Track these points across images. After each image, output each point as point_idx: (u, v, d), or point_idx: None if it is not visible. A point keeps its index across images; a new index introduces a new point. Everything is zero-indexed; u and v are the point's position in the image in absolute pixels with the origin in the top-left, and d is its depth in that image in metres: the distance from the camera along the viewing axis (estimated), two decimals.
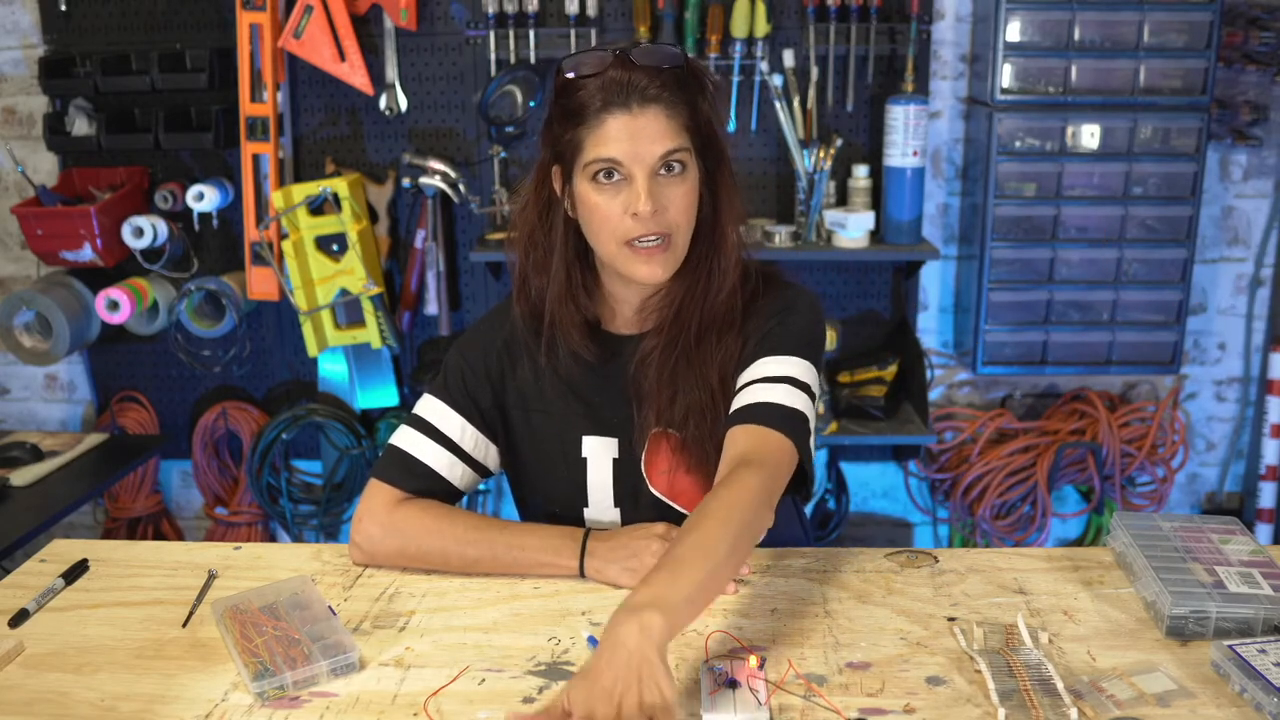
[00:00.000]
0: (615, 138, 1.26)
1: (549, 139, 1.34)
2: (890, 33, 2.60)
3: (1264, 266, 2.85)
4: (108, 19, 2.70)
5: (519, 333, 1.44)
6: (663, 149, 1.27)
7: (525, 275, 1.41)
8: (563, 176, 1.34)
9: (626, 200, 1.28)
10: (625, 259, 1.31)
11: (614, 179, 1.28)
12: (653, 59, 1.28)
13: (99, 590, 1.36)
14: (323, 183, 2.58)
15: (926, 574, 1.35)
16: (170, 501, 3.07)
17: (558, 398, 1.43)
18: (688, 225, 1.32)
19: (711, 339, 1.37)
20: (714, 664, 1.12)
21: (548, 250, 1.38)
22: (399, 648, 1.21)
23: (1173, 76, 2.54)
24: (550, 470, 1.45)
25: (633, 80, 1.27)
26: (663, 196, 1.28)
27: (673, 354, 1.36)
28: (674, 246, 1.31)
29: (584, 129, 1.28)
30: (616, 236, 1.29)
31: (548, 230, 1.38)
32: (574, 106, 1.29)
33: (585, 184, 1.30)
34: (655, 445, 1.40)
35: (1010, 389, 2.91)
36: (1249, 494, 2.97)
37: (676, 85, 1.29)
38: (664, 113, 1.27)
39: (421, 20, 2.63)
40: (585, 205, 1.31)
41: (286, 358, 2.89)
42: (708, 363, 1.36)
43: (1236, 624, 1.18)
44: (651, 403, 1.37)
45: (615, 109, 1.26)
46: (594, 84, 1.27)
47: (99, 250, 2.60)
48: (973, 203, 2.72)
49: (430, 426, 1.44)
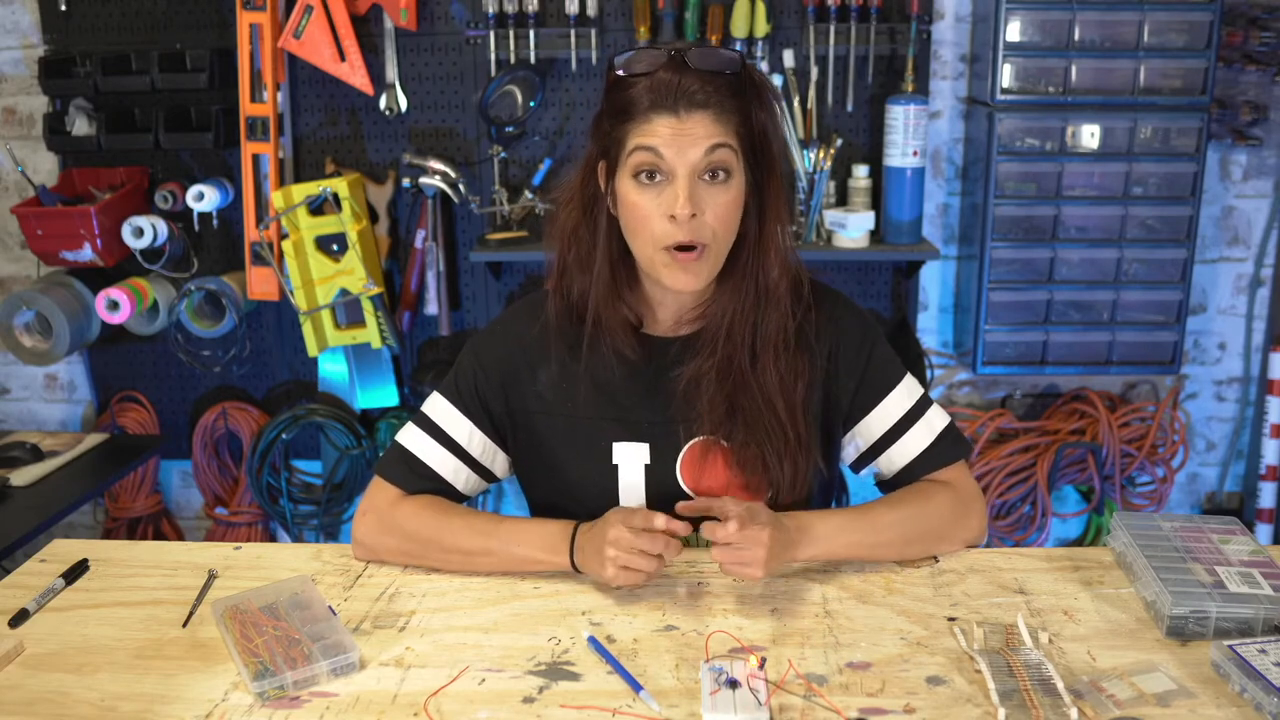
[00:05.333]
0: (660, 135, 1.25)
1: (597, 134, 1.33)
2: (890, 33, 2.60)
3: (1264, 266, 2.85)
4: (108, 19, 2.70)
5: (550, 332, 1.41)
6: (706, 152, 1.25)
7: (565, 271, 1.39)
8: (607, 173, 1.33)
9: (666, 201, 1.26)
10: (661, 266, 1.29)
11: (655, 179, 1.27)
12: (708, 63, 1.26)
13: (99, 590, 1.36)
14: (323, 183, 2.58)
15: (926, 574, 1.35)
16: (170, 501, 3.07)
17: (587, 401, 1.40)
18: (727, 234, 1.30)
19: (768, 357, 1.36)
20: (714, 664, 1.12)
21: (591, 247, 1.36)
22: (399, 648, 1.21)
23: (1173, 76, 2.54)
24: (581, 476, 1.42)
25: (683, 83, 1.25)
26: (703, 201, 1.26)
27: (729, 377, 1.35)
28: (710, 255, 1.29)
29: (630, 125, 1.27)
30: (654, 240, 1.28)
31: (592, 227, 1.36)
32: (622, 103, 1.28)
33: (627, 182, 1.28)
34: (698, 453, 1.39)
35: (1010, 389, 2.91)
36: (1249, 494, 2.97)
37: (729, 92, 1.27)
38: (711, 117, 1.25)
39: (421, 20, 2.63)
40: (625, 204, 1.29)
41: (286, 358, 2.89)
42: (767, 381, 1.36)
43: (1236, 624, 1.18)
44: (704, 416, 1.36)
45: (662, 110, 1.25)
46: (644, 83, 1.26)
47: (99, 250, 2.60)
48: (973, 203, 2.72)
49: (438, 429, 1.43)
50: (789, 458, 1.35)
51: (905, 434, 1.42)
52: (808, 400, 1.39)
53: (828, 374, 1.41)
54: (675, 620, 1.25)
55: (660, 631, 1.23)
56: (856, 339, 1.42)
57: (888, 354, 1.44)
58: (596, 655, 1.18)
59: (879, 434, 1.43)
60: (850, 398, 1.42)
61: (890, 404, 1.42)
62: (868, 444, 1.44)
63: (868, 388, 1.42)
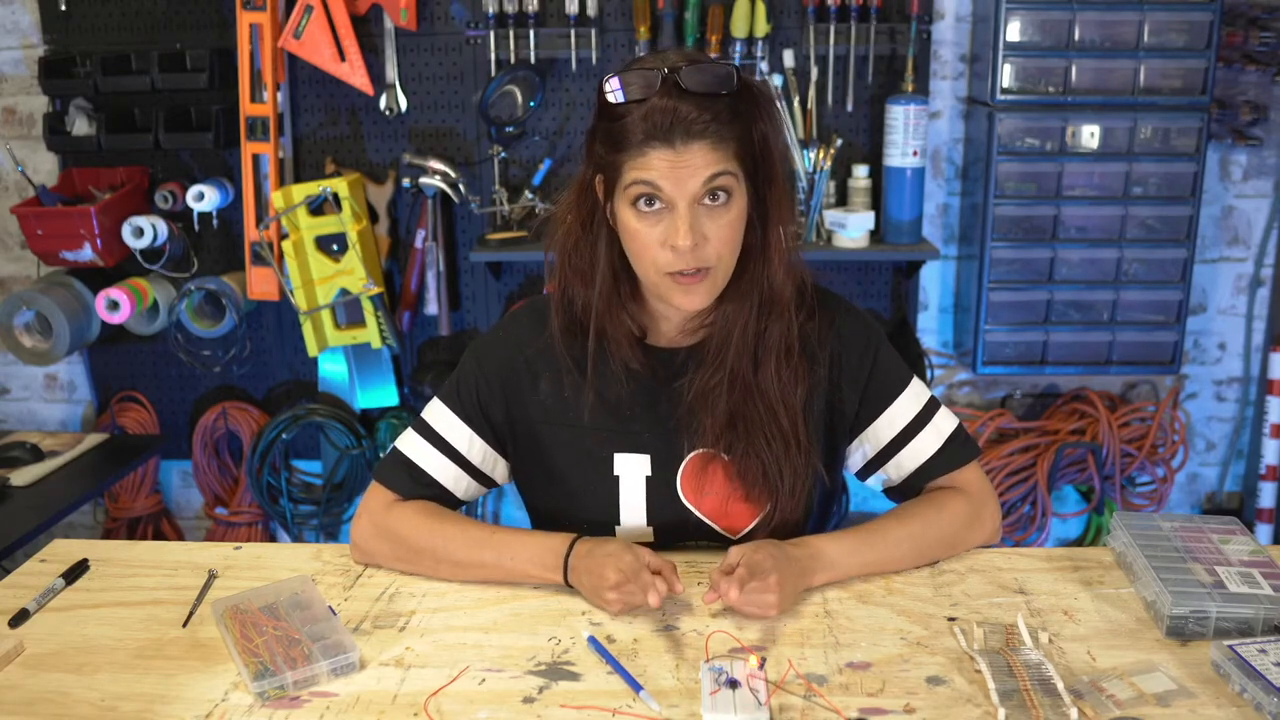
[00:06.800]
0: (657, 169, 1.21)
1: (592, 152, 1.29)
2: (890, 33, 2.59)
3: (1264, 266, 2.85)
4: (108, 19, 2.70)
5: (554, 343, 1.39)
6: (705, 182, 1.22)
7: (566, 286, 1.37)
8: (605, 189, 1.30)
9: (666, 231, 1.23)
10: (665, 288, 1.28)
11: (654, 206, 1.24)
12: (703, 84, 1.21)
13: (99, 590, 1.36)
14: (323, 183, 2.58)
15: (926, 574, 1.35)
16: (170, 501, 3.07)
17: (588, 412, 1.38)
18: (730, 255, 1.28)
19: (770, 363, 1.34)
20: (714, 664, 1.12)
21: (591, 260, 1.34)
22: (399, 648, 1.21)
23: (1173, 76, 2.54)
24: (581, 486, 1.41)
25: (679, 112, 1.20)
26: (704, 228, 1.23)
27: (736, 387, 1.34)
28: (714, 276, 1.27)
29: (624, 155, 1.23)
30: (656, 267, 1.26)
31: (592, 241, 1.34)
32: (616, 132, 1.23)
33: (626, 208, 1.25)
34: (698, 465, 1.38)
35: (1010, 389, 2.91)
36: (1249, 494, 2.97)
37: (727, 115, 1.23)
38: (709, 146, 1.21)
39: (421, 20, 2.63)
40: (626, 230, 1.27)
41: (286, 358, 2.89)
42: (768, 388, 1.34)
43: (1236, 624, 1.18)
44: (706, 428, 1.35)
45: (658, 144, 1.21)
46: (638, 112, 1.21)
47: (99, 250, 2.60)
48: (973, 203, 2.72)
49: (437, 436, 1.42)
50: (789, 464, 1.34)
51: (914, 439, 1.41)
52: (809, 407, 1.37)
53: (830, 381, 1.40)
54: (675, 620, 1.25)
55: (660, 631, 1.23)
56: (860, 345, 1.41)
57: (893, 358, 1.43)
58: (596, 655, 1.18)
59: (887, 440, 1.41)
60: (856, 404, 1.41)
61: (897, 409, 1.41)
62: (876, 450, 1.43)
63: (873, 394, 1.41)
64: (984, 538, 1.41)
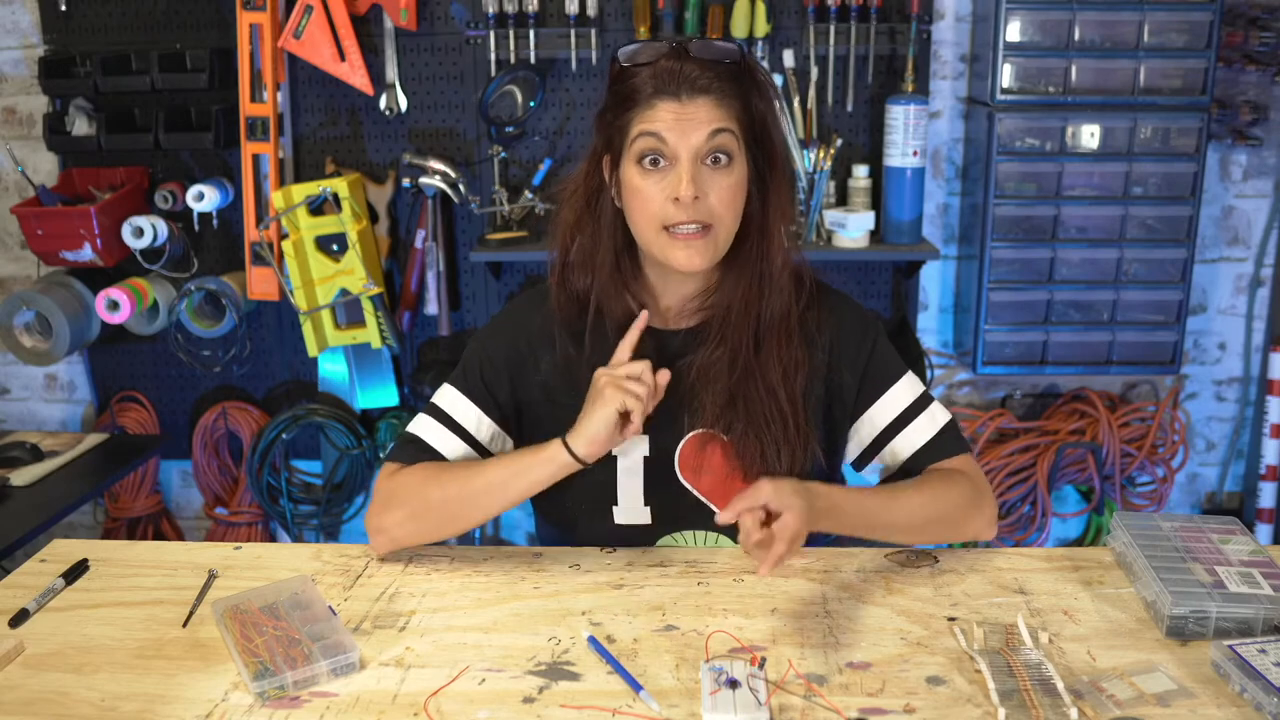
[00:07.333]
0: (663, 120, 1.28)
1: (601, 126, 1.36)
2: (890, 33, 2.60)
3: (1264, 266, 2.85)
4: (108, 19, 2.70)
5: (555, 323, 1.42)
6: (709, 136, 1.28)
7: (567, 264, 1.41)
8: (611, 164, 1.35)
9: (669, 185, 1.29)
10: (663, 244, 1.31)
11: (659, 165, 1.30)
12: (708, 53, 1.30)
13: (99, 590, 1.36)
14: (323, 183, 2.58)
15: (926, 574, 1.35)
16: (170, 501, 3.07)
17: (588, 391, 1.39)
18: (731, 218, 1.32)
19: (771, 346, 1.37)
20: (714, 664, 1.12)
21: (595, 238, 1.38)
22: (399, 648, 1.21)
23: (1173, 76, 2.54)
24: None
25: (685, 70, 1.28)
26: (706, 185, 1.29)
27: (736, 367, 1.36)
28: (714, 236, 1.31)
29: (633, 112, 1.30)
30: (656, 221, 1.30)
31: (596, 218, 1.38)
32: (626, 92, 1.31)
33: (631, 167, 1.31)
34: (697, 445, 1.40)
35: (1010, 389, 2.91)
36: (1249, 494, 2.97)
37: (730, 79, 1.30)
38: (713, 102, 1.29)
39: (421, 20, 2.63)
40: (629, 189, 1.32)
41: (286, 358, 2.89)
42: (769, 369, 1.37)
43: (1236, 624, 1.18)
44: (705, 407, 1.37)
45: (665, 96, 1.28)
46: (646, 71, 1.30)
47: (99, 250, 2.60)
48: (973, 203, 2.72)
49: (446, 416, 1.44)
50: (787, 447, 1.36)
51: (909, 425, 1.43)
52: (808, 391, 1.39)
53: (829, 367, 1.42)
54: (675, 620, 1.25)
55: (660, 631, 1.23)
56: (858, 333, 1.44)
57: (889, 349, 1.46)
58: (596, 655, 1.18)
59: (883, 425, 1.43)
60: (855, 388, 1.43)
61: (894, 396, 1.43)
62: (872, 435, 1.44)
63: (871, 380, 1.43)
64: (981, 525, 1.41)
